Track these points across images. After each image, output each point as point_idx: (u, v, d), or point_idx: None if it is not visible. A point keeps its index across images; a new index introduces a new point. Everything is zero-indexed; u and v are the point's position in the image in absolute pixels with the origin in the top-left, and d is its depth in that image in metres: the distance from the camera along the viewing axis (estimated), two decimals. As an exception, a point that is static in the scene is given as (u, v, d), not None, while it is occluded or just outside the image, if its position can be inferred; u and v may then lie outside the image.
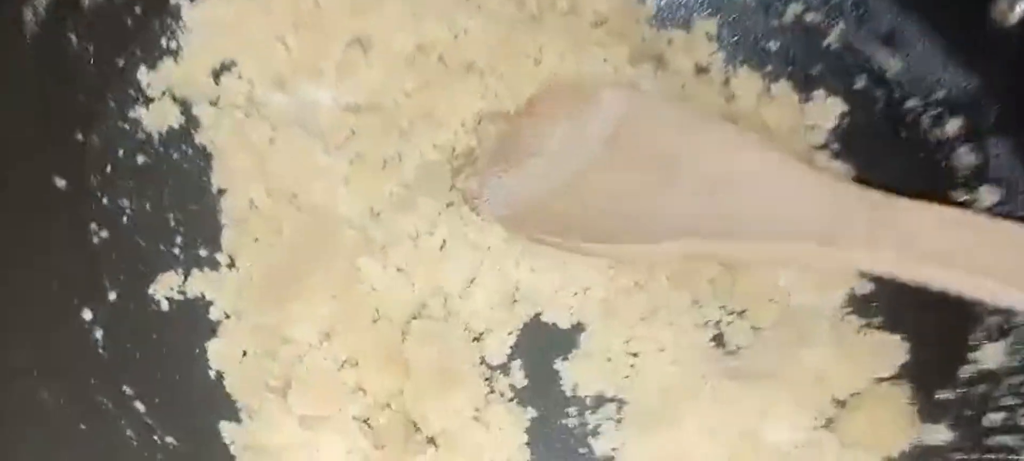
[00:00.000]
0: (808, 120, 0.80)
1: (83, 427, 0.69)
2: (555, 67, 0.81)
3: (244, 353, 0.74)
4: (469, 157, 0.80)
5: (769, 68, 0.82)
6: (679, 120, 0.76)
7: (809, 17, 0.82)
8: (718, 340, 0.77)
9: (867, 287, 0.74)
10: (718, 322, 0.77)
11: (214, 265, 0.78)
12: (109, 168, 0.77)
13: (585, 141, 0.78)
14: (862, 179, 0.70)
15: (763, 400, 0.72)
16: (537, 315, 0.78)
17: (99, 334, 0.73)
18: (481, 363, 0.75)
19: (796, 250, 0.66)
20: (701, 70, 0.82)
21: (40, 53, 0.71)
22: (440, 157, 0.80)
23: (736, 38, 0.83)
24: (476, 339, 0.76)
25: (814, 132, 0.81)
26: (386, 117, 0.80)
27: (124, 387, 0.72)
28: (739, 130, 0.75)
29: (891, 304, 0.73)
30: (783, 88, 0.82)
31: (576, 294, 0.78)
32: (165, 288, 0.77)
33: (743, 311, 0.77)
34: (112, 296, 0.74)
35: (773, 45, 0.83)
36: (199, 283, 0.78)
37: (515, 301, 0.78)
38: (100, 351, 0.73)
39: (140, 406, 0.73)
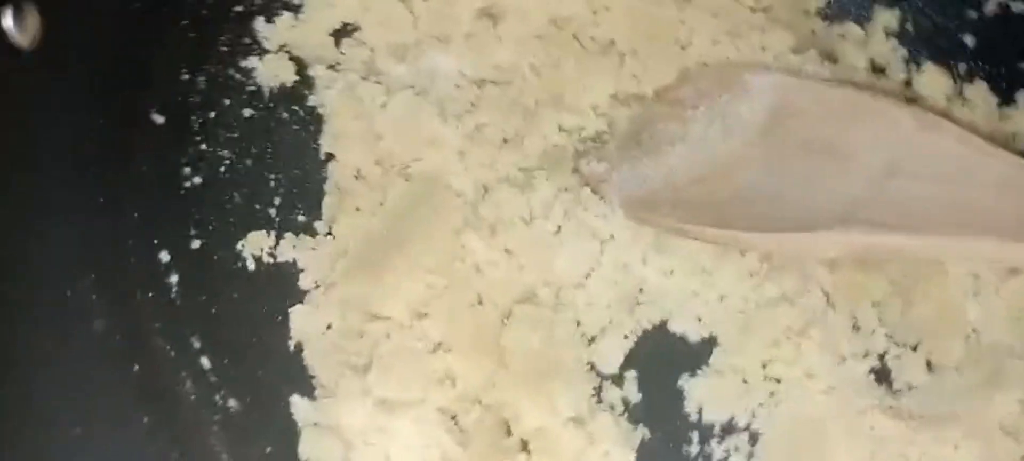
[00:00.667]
0: (1011, 127, 0.71)
1: (136, 368, 0.67)
2: (704, 53, 0.79)
3: (329, 326, 0.69)
4: (597, 141, 0.80)
5: (963, 66, 0.73)
6: (846, 103, 0.72)
7: (1017, 6, 0.72)
8: (881, 375, 0.72)
9: None
10: (883, 354, 0.72)
11: (310, 231, 0.79)
12: (213, 114, 0.79)
13: (733, 129, 0.75)
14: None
15: (938, 448, 0.64)
16: (662, 322, 0.74)
17: (174, 279, 0.71)
18: (590, 368, 0.68)
19: (988, 247, 0.62)
20: (877, 68, 0.74)
21: None
22: (565, 140, 0.79)
23: (923, 33, 0.74)
24: (588, 339, 0.69)
25: (1017, 141, 0.71)
26: (511, 93, 0.80)
27: (192, 339, 0.70)
28: (916, 111, 0.71)
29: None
30: (979, 90, 0.74)
31: (710, 303, 0.74)
32: (255, 247, 0.77)
33: (917, 345, 0.71)
34: (196, 244, 0.72)
35: (970, 39, 0.74)
36: (291, 248, 0.78)
37: (637, 303, 0.75)
38: (172, 296, 0.71)
39: (206, 361, 0.70)
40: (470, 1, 0.82)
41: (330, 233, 0.79)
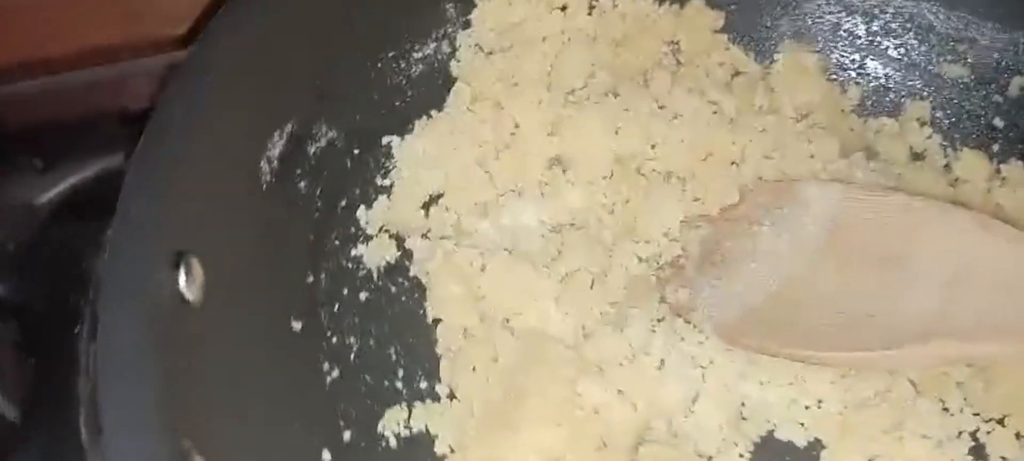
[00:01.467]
0: None
1: None
2: (758, 167, 0.81)
3: None
4: (676, 266, 0.81)
5: (996, 147, 0.74)
6: (903, 209, 0.72)
7: None
8: (978, 452, 0.71)
9: None
10: (975, 431, 0.71)
11: (435, 397, 0.79)
12: (337, 306, 0.80)
13: (798, 242, 0.77)
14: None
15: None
16: (770, 433, 0.74)
17: None
18: None
19: None
20: (917, 156, 0.73)
21: (273, 201, 0.75)
22: (646, 270, 0.80)
23: (954, 119, 0.75)
24: None
25: None
26: (590, 233, 0.82)
27: None
28: (975, 215, 0.70)
29: None
30: (1015, 168, 0.78)
31: (809, 408, 0.74)
32: (393, 423, 0.77)
33: (1005, 417, 0.71)
34: (347, 435, 0.75)
35: (999, 122, 0.75)
36: (422, 416, 0.78)
37: (743, 418, 0.75)
38: None
39: None
40: (540, 153, 0.84)
41: (453, 395, 0.80)
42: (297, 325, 0.77)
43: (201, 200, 0.67)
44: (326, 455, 0.73)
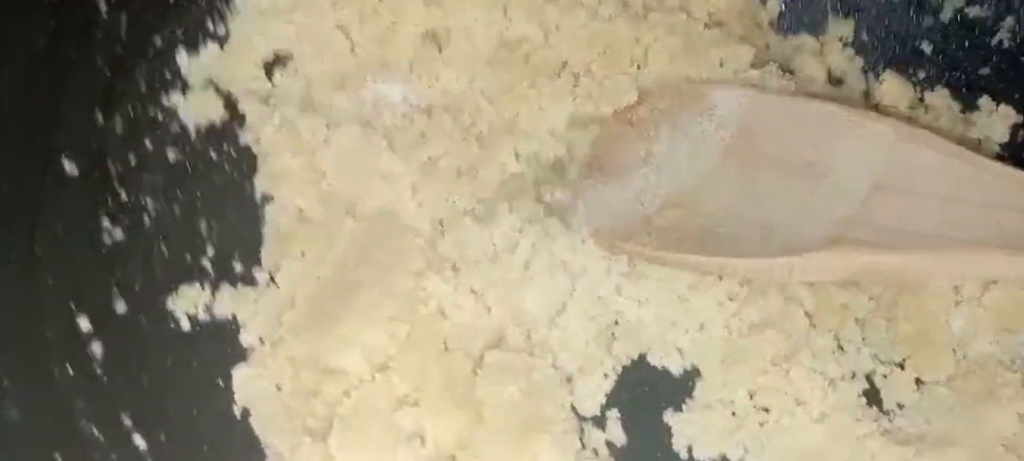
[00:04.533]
0: (974, 133, 0.69)
1: (59, 458, 0.56)
2: (662, 71, 0.74)
3: (278, 387, 0.63)
4: (557, 168, 0.72)
5: (922, 74, 0.72)
6: (820, 117, 0.67)
7: (972, 11, 0.71)
8: (871, 396, 0.65)
9: None
10: (871, 373, 0.66)
11: (250, 281, 0.69)
12: (133, 159, 0.69)
13: (700, 149, 0.70)
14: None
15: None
16: (642, 356, 0.67)
17: (98, 349, 0.62)
18: (571, 411, 0.63)
19: (984, 262, 0.57)
20: (835, 79, 0.72)
21: (61, 12, 0.64)
22: (524, 168, 0.72)
23: (879, 42, 0.73)
24: (566, 380, 0.66)
25: (982, 147, 0.68)
26: (463, 121, 0.73)
27: (123, 416, 0.61)
28: (897, 123, 0.66)
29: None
30: (941, 96, 0.72)
31: (690, 332, 0.67)
32: (188, 303, 0.67)
33: (904, 360, 0.65)
34: (120, 307, 0.65)
35: (927, 47, 0.73)
36: (230, 301, 0.68)
37: (614, 337, 0.67)
38: (96, 370, 0.61)
39: (140, 441, 0.61)
40: (414, 23, 0.75)
41: (273, 282, 0.70)
42: (72, 168, 0.65)
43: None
44: (84, 323, 0.63)
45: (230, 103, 0.67)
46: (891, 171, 0.58)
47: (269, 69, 0.68)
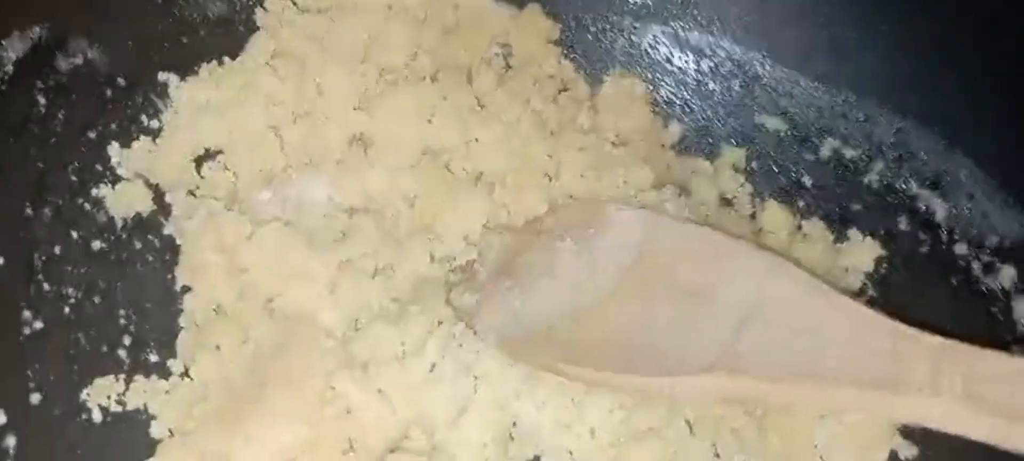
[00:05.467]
0: (843, 261, 0.74)
1: None
2: (571, 186, 0.78)
3: None
4: (468, 272, 0.76)
5: (802, 203, 0.77)
6: (706, 244, 0.72)
7: (848, 153, 0.79)
8: None
9: (911, 451, 0.66)
10: None
11: (164, 373, 0.71)
12: (58, 249, 0.71)
13: (600, 265, 0.74)
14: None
15: None
16: (536, 458, 0.71)
17: (11, 442, 0.63)
18: None
19: (847, 395, 0.61)
20: (726, 202, 0.76)
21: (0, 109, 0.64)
22: (437, 271, 0.75)
23: (766, 171, 0.79)
24: None
25: (850, 275, 0.74)
26: (383, 222, 0.76)
27: None
28: (775, 257, 0.71)
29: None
30: (817, 226, 0.77)
31: (582, 436, 0.71)
32: (102, 394, 0.69)
33: None
34: (35, 398, 0.66)
35: (808, 180, 0.79)
36: (142, 393, 0.70)
37: (511, 439, 0.71)
38: None
39: None
40: (341, 127, 0.78)
41: (186, 374, 0.71)
42: None
43: None
44: (0, 416, 0.63)
45: (158, 194, 0.67)
46: (762, 302, 0.60)
47: (198, 163, 0.69)
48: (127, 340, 0.65)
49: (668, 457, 0.64)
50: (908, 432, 0.62)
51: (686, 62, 0.76)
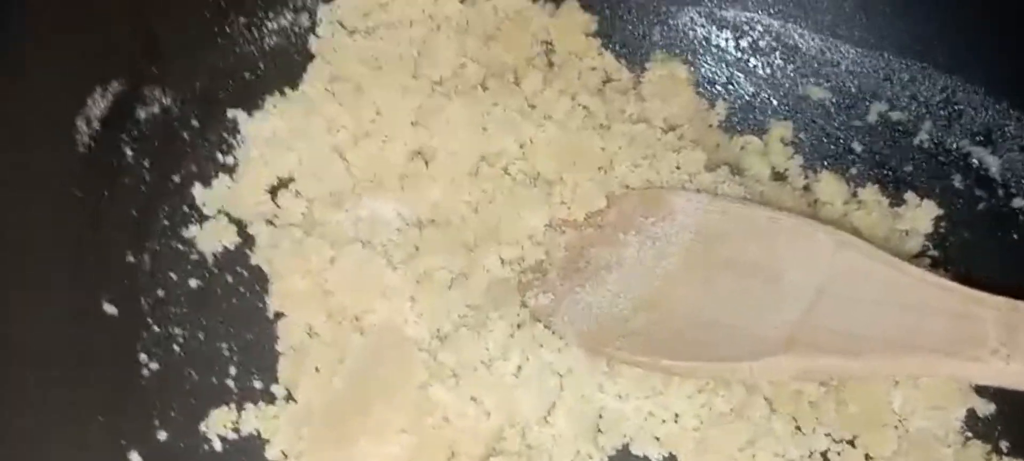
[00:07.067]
0: (901, 225, 0.73)
1: None
2: (626, 176, 0.80)
3: None
4: (539, 271, 0.78)
5: (854, 171, 0.77)
6: (766, 224, 0.73)
7: (895, 115, 0.78)
8: None
9: (989, 408, 0.65)
10: (826, 451, 0.73)
11: (270, 398, 0.74)
12: (162, 292, 0.74)
13: (664, 252, 0.76)
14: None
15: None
16: (625, 446, 0.73)
17: None
18: None
19: (922, 362, 0.63)
20: (778, 176, 0.76)
21: (91, 166, 0.68)
22: (509, 273, 0.77)
23: (815, 141, 0.78)
24: None
25: (910, 238, 0.74)
26: (452, 232, 0.78)
27: None
28: (837, 232, 0.72)
29: (1017, 426, 0.66)
30: (871, 192, 0.76)
31: (665, 422, 0.74)
32: (218, 425, 0.72)
33: (854, 438, 0.72)
34: (162, 436, 0.69)
35: (858, 146, 0.78)
36: (254, 418, 0.73)
37: (600, 431, 0.73)
38: None
39: None
40: (402, 144, 0.80)
41: (290, 397, 0.74)
42: (111, 309, 0.70)
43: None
44: (135, 457, 0.67)
45: (241, 228, 0.69)
46: (832, 277, 0.60)
47: (274, 193, 0.71)
48: (233, 370, 0.67)
49: (751, 436, 0.64)
50: (983, 390, 0.61)
51: (725, 40, 0.76)
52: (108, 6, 0.67)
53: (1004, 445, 0.64)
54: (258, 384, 0.75)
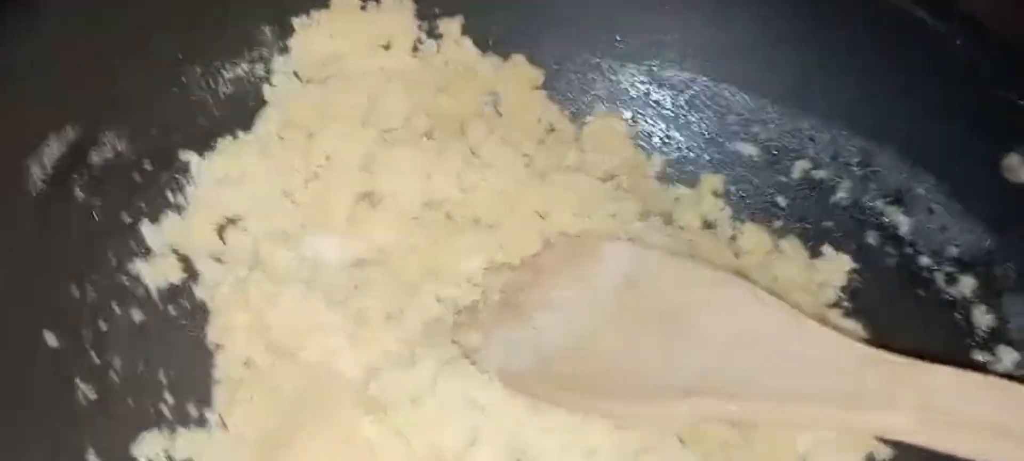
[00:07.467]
0: (818, 277, 0.76)
1: None
2: (563, 223, 0.83)
3: None
4: (473, 311, 0.80)
5: (778, 224, 0.80)
6: (687, 275, 0.76)
7: (817, 173, 0.81)
8: None
9: (886, 452, 0.67)
10: None
11: (204, 424, 0.76)
12: (103, 324, 0.74)
13: (591, 297, 0.78)
14: (876, 338, 0.67)
15: None
16: None
17: None
18: None
19: (814, 413, 0.64)
20: (708, 225, 0.79)
21: (43, 208, 0.69)
22: (443, 312, 0.80)
23: (743, 194, 0.81)
24: None
25: (825, 289, 0.76)
26: (392, 271, 0.80)
27: None
28: (750, 286, 0.74)
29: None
30: (792, 244, 0.79)
31: (583, 457, 0.76)
32: (150, 449, 0.73)
33: None
34: (92, 459, 0.63)
35: (782, 200, 0.82)
36: (187, 443, 0.75)
37: None
38: None
39: None
40: (350, 187, 0.83)
41: (224, 425, 0.77)
42: (52, 339, 0.71)
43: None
44: None
45: (188, 264, 0.70)
46: (745, 329, 0.63)
47: (221, 230, 0.71)
48: (169, 397, 0.68)
49: (664, 473, 0.61)
50: (883, 438, 0.63)
51: (664, 97, 0.80)
52: (70, 55, 0.69)
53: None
54: (193, 411, 0.77)
